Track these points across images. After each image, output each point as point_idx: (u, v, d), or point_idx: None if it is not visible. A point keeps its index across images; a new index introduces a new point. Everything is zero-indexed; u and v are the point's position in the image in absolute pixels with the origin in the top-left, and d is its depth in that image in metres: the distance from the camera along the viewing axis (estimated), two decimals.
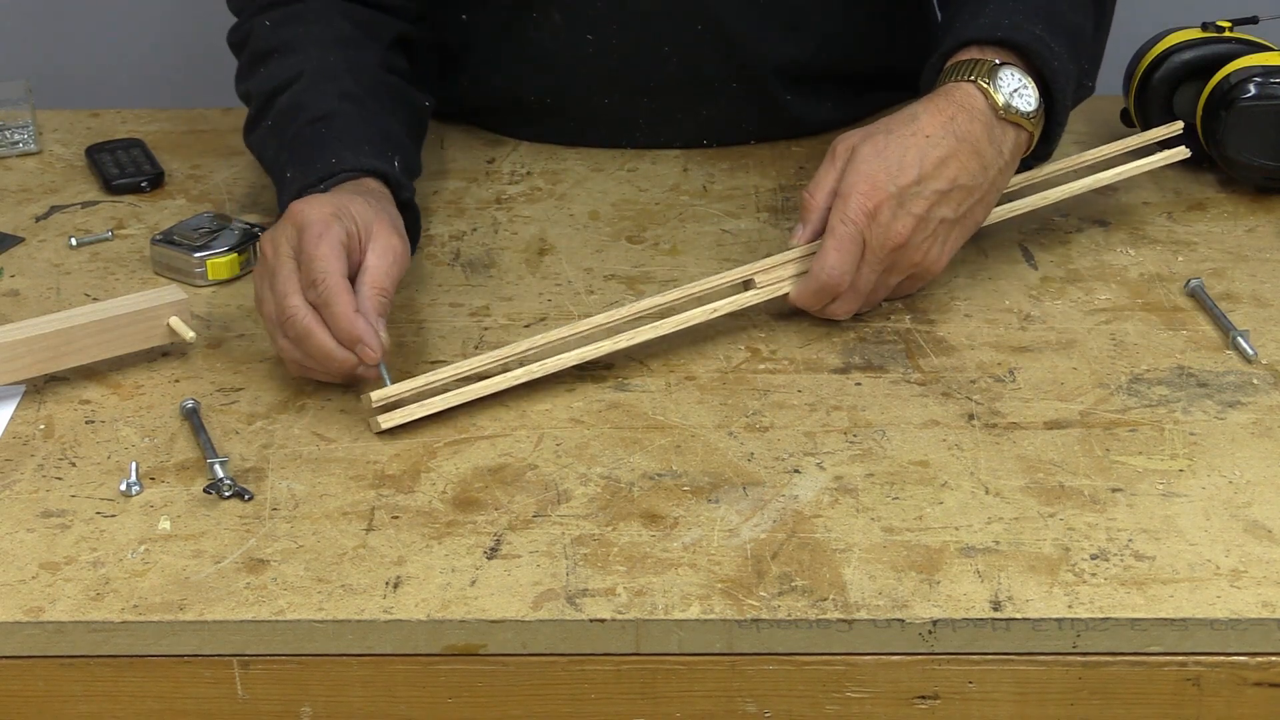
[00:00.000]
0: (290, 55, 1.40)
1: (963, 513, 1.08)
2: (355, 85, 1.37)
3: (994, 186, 1.28)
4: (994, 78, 1.28)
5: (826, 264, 1.24)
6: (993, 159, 1.27)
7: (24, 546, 1.06)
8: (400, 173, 1.31)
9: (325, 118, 1.33)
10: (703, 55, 1.50)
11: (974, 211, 1.28)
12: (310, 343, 1.16)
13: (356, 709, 1.02)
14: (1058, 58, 1.30)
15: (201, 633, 1.01)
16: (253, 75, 1.42)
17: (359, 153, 1.30)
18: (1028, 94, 1.28)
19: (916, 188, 1.24)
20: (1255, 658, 1.00)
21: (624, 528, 1.07)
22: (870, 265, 1.25)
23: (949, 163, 1.25)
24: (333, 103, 1.35)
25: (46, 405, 1.21)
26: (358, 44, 1.42)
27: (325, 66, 1.38)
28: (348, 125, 1.33)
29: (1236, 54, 1.44)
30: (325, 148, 1.30)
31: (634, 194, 1.49)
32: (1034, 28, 1.31)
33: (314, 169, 1.29)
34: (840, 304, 1.27)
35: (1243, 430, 1.16)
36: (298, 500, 1.10)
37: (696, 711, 1.02)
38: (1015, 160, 1.30)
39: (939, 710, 1.02)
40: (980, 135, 1.26)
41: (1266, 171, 1.43)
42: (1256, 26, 1.49)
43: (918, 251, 1.26)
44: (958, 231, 1.28)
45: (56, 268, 1.39)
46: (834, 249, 1.24)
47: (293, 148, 1.33)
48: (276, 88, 1.38)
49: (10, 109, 1.58)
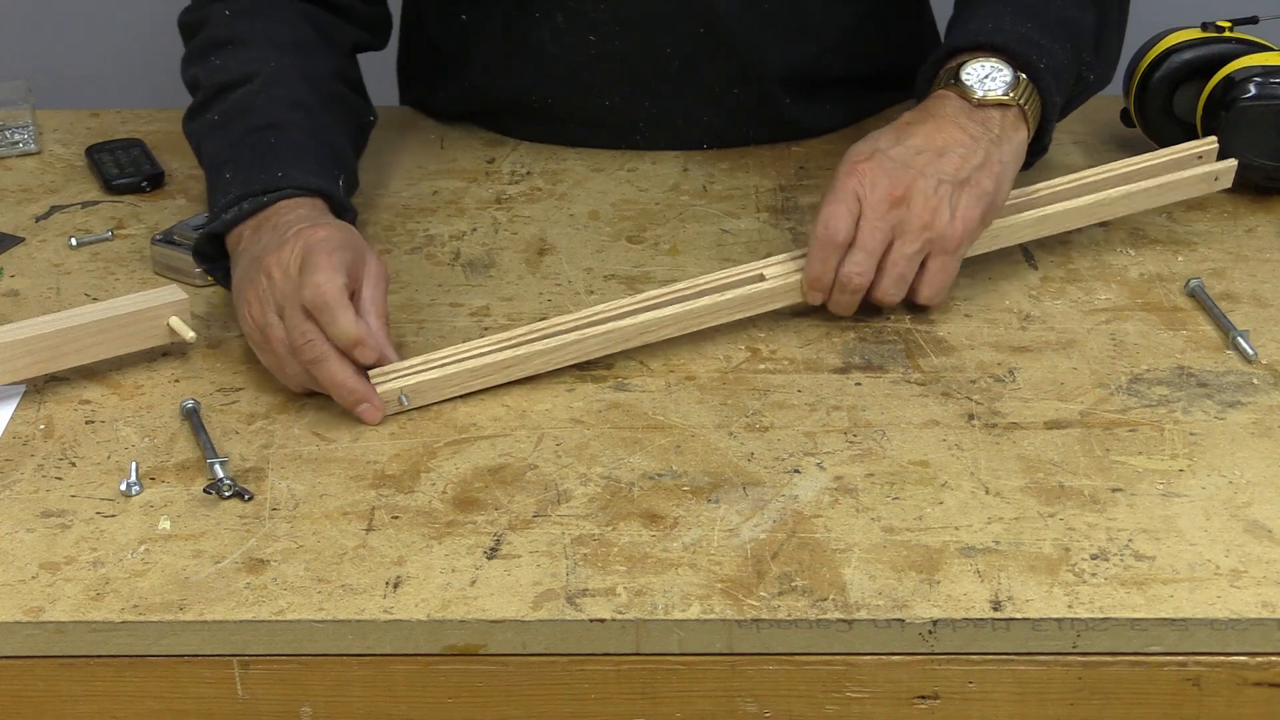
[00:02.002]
0: (245, 50, 1.39)
1: (963, 513, 1.08)
2: (308, 94, 1.37)
3: (995, 156, 1.27)
4: (959, 75, 1.30)
5: (821, 216, 1.24)
6: (980, 132, 1.27)
7: (24, 546, 1.06)
8: (343, 192, 1.32)
9: (275, 126, 1.33)
10: (704, 58, 1.50)
11: (978, 178, 1.26)
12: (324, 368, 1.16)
13: (356, 709, 1.02)
14: (1045, 53, 1.31)
15: (201, 633, 1.01)
16: (203, 62, 1.40)
17: (306, 170, 1.29)
18: (1000, 75, 1.29)
19: (907, 150, 1.26)
20: (1255, 658, 1.00)
21: (624, 528, 1.07)
22: (871, 221, 1.24)
23: (935, 136, 1.27)
24: (284, 111, 1.34)
25: (46, 405, 1.21)
26: (314, 49, 1.41)
27: (280, 70, 1.37)
28: (297, 139, 1.32)
29: (1236, 54, 1.44)
30: (274, 159, 1.29)
31: (634, 194, 1.49)
32: (1020, 27, 1.32)
33: (258, 179, 1.28)
34: (852, 262, 1.24)
35: (1243, 430, 1.16)
36: (298, 500, 1.10)
37: (696, 711, 1.02)
38: (1013, 135, 1.29)
39: (939, 710, 1.02)
40: (959, 116, 1.28)
41: (1266, 171, 1.43)
42: (1256, 26, 1.49)
43: (925, 210, 1.24)
44: (967, 195, 1.25)
45: (56, 268, 1.39)
46: (828, 202, 1.24)
47: (237, 150, 1.32)
48: (228, 82, 1.37)
49: (10, 109, 1.58)
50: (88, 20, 2.18)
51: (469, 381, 1.20)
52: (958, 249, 1.26)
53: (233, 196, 1.27)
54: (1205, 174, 1.36)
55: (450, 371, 1.19)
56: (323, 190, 1.28)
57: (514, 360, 1.20)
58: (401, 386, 1.17)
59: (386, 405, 1.18)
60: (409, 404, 1.18)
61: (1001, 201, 1.28)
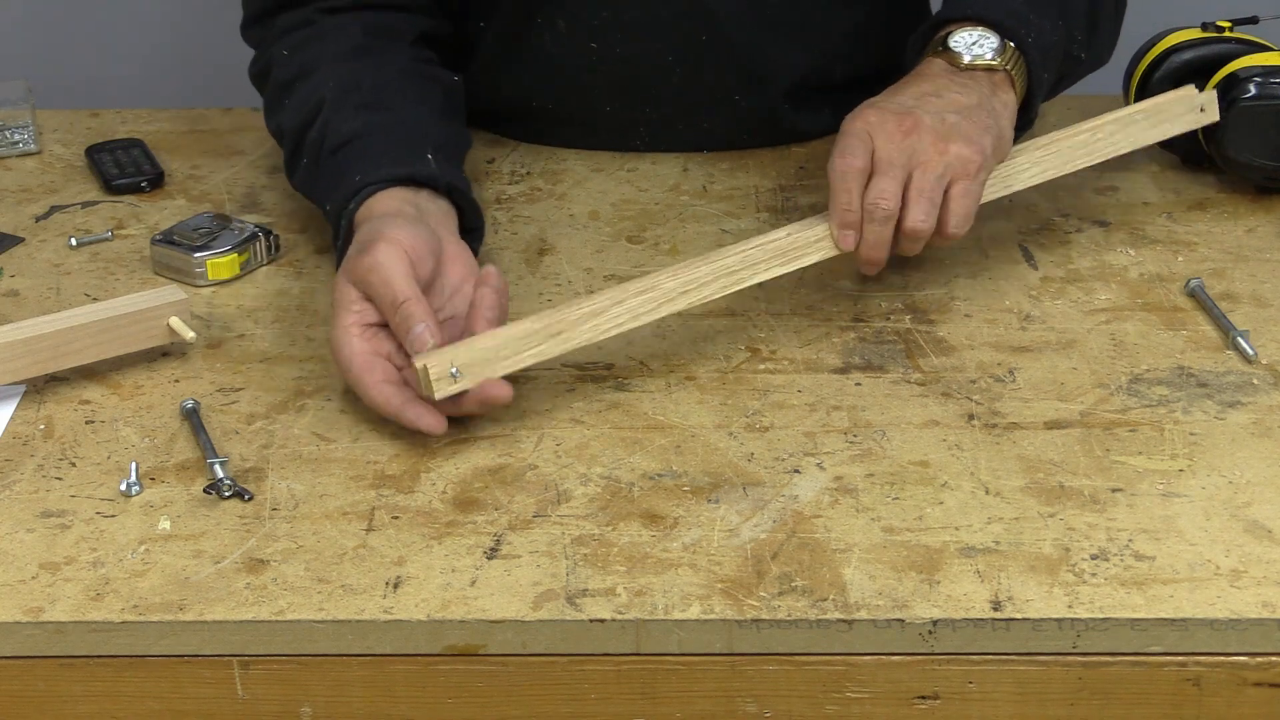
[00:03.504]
0: (309, 80, 1.39)
1: (963, 513, 1.08)
2: (373, 94, 1.37)
3: (989, 103, 1.29)
4: (947, 43, 1.32)
5: (835, 151, 1.26)
6: (972, 88, 1.29)
7: (24, 546, 1.06)
8: (434, 165, 1.30)
9: (346, 142, 1.33)
10: (705, 65, 1.50)
11: (978, 114, 1.27)
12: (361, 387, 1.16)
13: (356, 709, 1.02)
14: (1034, 28, 1.32)
15: (201, 633, 1.01)
16: (280, 109, 1.41)
17: (379, 165, 1.29)
18: (987, 42, 1.31)
19: (905, 98, 1.28)
20: (1255, 658, 1.00)
21: (624, 528, 1.07)
22: (886, 149, 1.24)
23: (927, 86, 1.29)
24: (352, 123, 1.34)
25: (46, 405, 1.21)
26: (374, 50, 1.41)
27: (341, 84, 1.37)
28: (368, 142, 1.32)
29: (1236, 54, 1.44)
30: (349, 169, 1.30)
31: (634, 194, 1.49)
32: (1010, 2, 1.33)
33: (339, 193, 1.28)
34: (877, 188, 1.23)
35: (1243, 430, 1.16)
36: (298, 500, 1.10)
37: (696, 711, 1.02)
38: (1002, 95, 1.30)
39: (939, 710, 1.02)
40: (948, 74, 1.30)
41: (1266, 171, 1.43)
42: (1256, 26, 1.49)
43: (937, 137, 1.24)
44: (973, 123, 1.26)
45: (56, 268, 1.39)
46: (840, 142, 1.26)
47: (325, 180, 1.33)
48: (304, 122, 1.37)
49: (10, 109, 1.58)
50: (88, 20, 2.18)
51: (520, 350, 1.15)
52: (977, 173, 1.25)
53: (332, 219, 1.29)
54: (1189, 102, 1.38)
55: (497, 342, 1.15)
56: (397, 178, 1.27)
57: (561, 326, 1.17)
58: (452, 359, 1.13)
59: (439, 383, 1.13)
60: (459, 376, 1.13)
61: (1008, 138, 1.30)
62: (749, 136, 1.55)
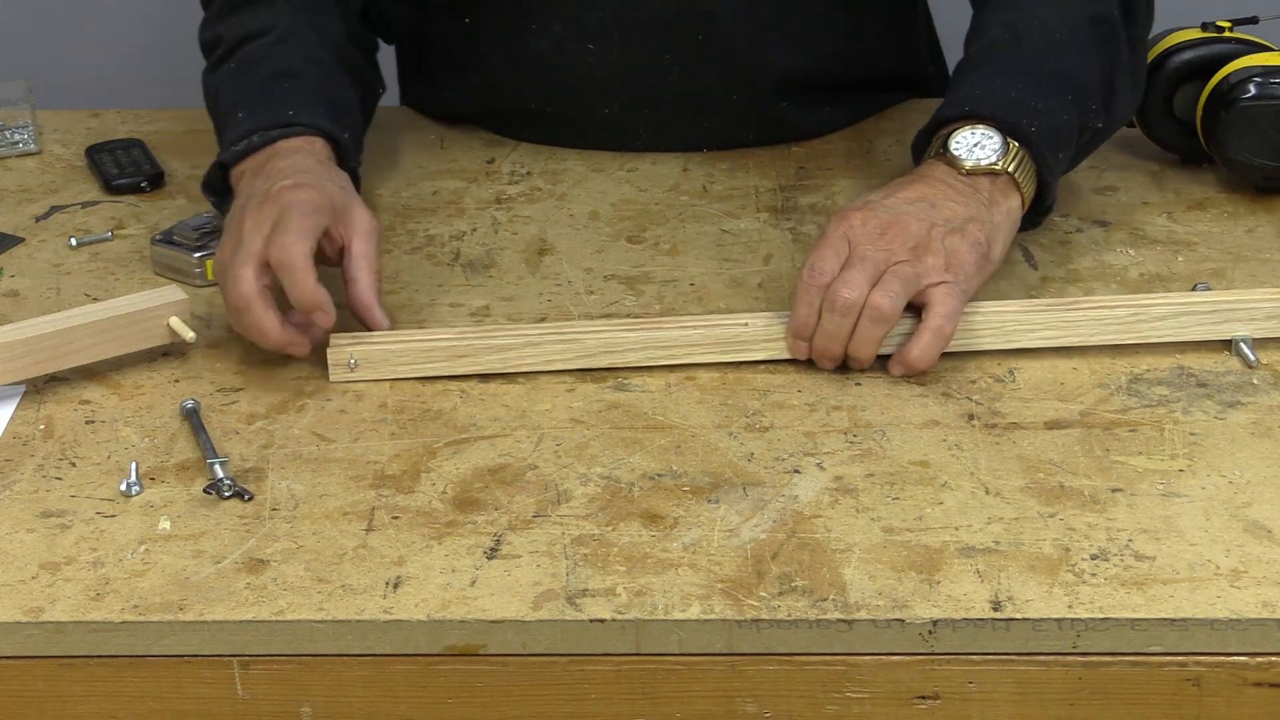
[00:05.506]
0: (264, 8, 1.43)
1: (963, 513, 1.08)
2: (322, 50, 1.41)
3: (986, 216, 1.24)
4: (948, 145, 1.28)
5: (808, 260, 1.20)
6: (971, 194, 1.25)
7: (24, 546, 1.06)
8: (350, 144, 1.35)
9: (289, 74, 1.37)
10: (703, 66, 1.50)
11: (970, 228, 1.22)
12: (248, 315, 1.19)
13: (356, 709, 1.02)
14: (1037, 115, 1.28)
15: (201, 633, 1.01)
16: (222, 21, 1.44)
17: (315, 113, 1.33)
18: (990, 143, 1.27)
19: (898, 201, 1.23)
20: (1255, 658, 1.00)
21: (624, 528, 1.07)
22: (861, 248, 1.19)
23: (926, 191, 1.24)
24: (299, 63, 1.39)
25: (46, 405, 1.21)
26: (328, 11, 1.45)
27: (295, 26, 1.42)
28: (310, 85, 1.37)
29: (1236, 54, 1.44)
30: (285, 99, 1.34)
31: (634, 194, 1.49)
32: (1010, 90, 1.29)
33: (268, 115, 1.33)
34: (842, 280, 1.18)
35: (1243, 430, 1.16)
36: (298, 500, 1.10)
37: (696, 711, 1.02)
38: (1004, 201, 1.27)
39: (939, 710, 1.02)
40: (949, 179, 1.26)
41: (1266, 171, 1.43)
42: (1256, 26, 1.48)
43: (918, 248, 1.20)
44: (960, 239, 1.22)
45: (56, 268, 1.39)
46: (816, 248, 1.21)
47: (252, 94, 1.37)
48: (246, 35, 1.41)
49: (10, 109, 1.58)
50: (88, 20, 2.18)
51: (422, 362, 1.21)
52: (955, 281, 1.20)
53: (243, 130, 1.32)
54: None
55: (404, 346, 1.21)
56: (329, 133, 1.33)
57: (466, 350, 1.21)
58: (353, 350, 1.20)
59: (335, 368, 1.21)
60: (356, 367, 1.21)
61: (996, 259, 1.25)
62: (748, 136, 1.55)
